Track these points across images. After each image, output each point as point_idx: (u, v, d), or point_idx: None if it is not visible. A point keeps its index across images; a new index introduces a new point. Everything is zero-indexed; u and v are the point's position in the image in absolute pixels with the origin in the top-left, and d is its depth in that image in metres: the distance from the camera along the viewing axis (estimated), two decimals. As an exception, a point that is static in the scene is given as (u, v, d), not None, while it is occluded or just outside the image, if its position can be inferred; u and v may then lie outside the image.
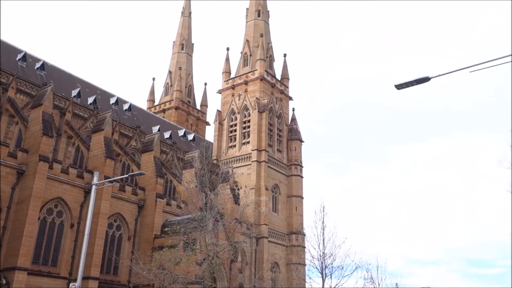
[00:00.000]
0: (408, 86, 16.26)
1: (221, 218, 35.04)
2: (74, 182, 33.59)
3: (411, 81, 16.05)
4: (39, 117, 32.78)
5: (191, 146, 55.89)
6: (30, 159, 31.11)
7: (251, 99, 57.73)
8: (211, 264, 30.44)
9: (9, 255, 28.56)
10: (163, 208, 39.04)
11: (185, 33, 76.62)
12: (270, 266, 49.35)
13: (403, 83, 16.27)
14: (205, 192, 33.68)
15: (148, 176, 38.80)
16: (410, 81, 16.08)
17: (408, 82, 16.11)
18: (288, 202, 56.46)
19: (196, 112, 72.44)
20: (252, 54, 61.22)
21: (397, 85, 16.47)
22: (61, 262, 31.99)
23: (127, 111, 51.80)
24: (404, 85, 16.34)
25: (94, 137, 37.87)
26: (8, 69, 39.02)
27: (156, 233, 37.04)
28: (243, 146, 56.40)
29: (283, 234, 54.36)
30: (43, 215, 31.56)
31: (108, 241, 35.14)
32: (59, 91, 41.93)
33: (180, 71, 71.84)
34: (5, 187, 29.77)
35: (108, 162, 35.80)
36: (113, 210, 35.74)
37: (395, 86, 16.50)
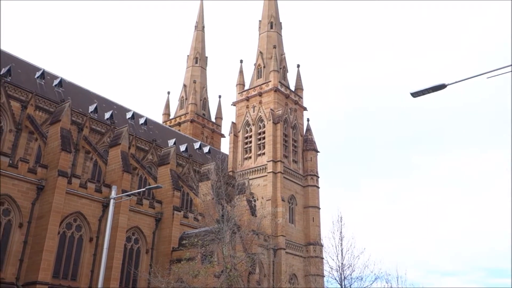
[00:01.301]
0: (424, 94, 16.19)
1: (238, 230, 34.97)
2: (93, 196, 33.98)
3: (427, 88, 15.97)
4: (57, 133, 33.34)
5: (207, 158, 56.19)
6: (49, 174, 31.60)
7: (265, 111, 57.92)
8: (229, 277, 30.35)
9: (30, 270, 28.93)
10: (180, 220, 39.18)
11: (198, 47, 77.42)
12: (288, 277, 49.01)
13: (419, 91, 16.21)
14: (222, 204, 33.72)
15: (165, 189, 39.03)
16: (426, 89, 16.00)
17: (424, 89, 16.03)
18: (305, 213, 56.21)
19: (211, 124, 72.87)
20: (265, 66, 61.54)
21: (413, 93, 16.41)
22: (80, 276, 32.25)
23: (143, 125, 52.37)
24: (420, 93, 16.27)
25: (111, 151, 38.31)
26: (27, 86, 39.86)
27: (173, 246, 37.15)
28: (259, 158, 56.48)
29: (300, 245, 54.04)
30: (63, 230, 31.92)
31: (126, 254, 35.34)
32: (77, 107, 42.63)
33: (194, 85, 72.49)
34: (25, 202, 30.25)
35: (125, 176, 36.17)
36: (131, 224, 35.98)
37: (411, 94, 16.44)
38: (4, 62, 40.20)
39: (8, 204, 29.49)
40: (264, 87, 59.69)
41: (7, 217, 29.40)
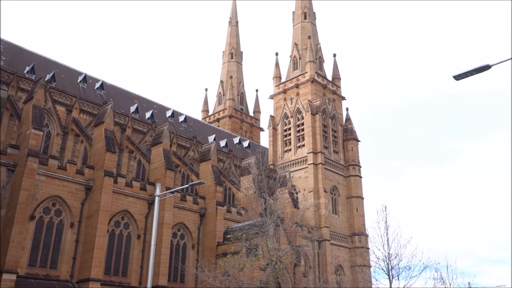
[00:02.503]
0: (467, 76, 15.64)
1: (281, 223, 35.04)
2: (138, 194, 34.85)
3: (471, 70, 15.44)
4: (102, 135, 34.36)
5: (246, 153, 56.46)
6: (96, 175, 32.65)
7: (303, 102, 57.53)
8: (274, 269, 30.50)
9: (83, 267, 30.06)
10: (224, 215, 39.60)
11: (233, 42, 77.72)
12: (334, 269, 48.71)
13: (462, 73, 15.67)
14: (264, 198, 33.85)
15: (207, 185, 39.54)
16: (469, 71, 15.47)
17: (468, 71, 15.50)
18: (348, 203, 55.60)
19: (250, 119, 73.12)
20: (301, 57, 61.05)
21: (456, 76, 15.89)
22: (130, 272, 33.23)
23: (183, 123, 53.16)
24: (463, 75, 15.73)
25: (154, 150, 39.13)
26: (71, 91, 41.25)
27: (218, 241, 37.62)
28: (299, 150, 56.23)
29: (345, 236, 53.54)
30: (111, 228, 32.94)
31: (173, 250, 36.10)
32: (118, 108, 43.75)
33: (231, 80, 72.89)
34: (75, 202, 31.40)
35: (168, 174, 36.86)
36: (176, 220, 36.69)
37: (454, 77, 15.93)
38: (48, 69, 41.74)
39: (59, 205, 30.71)
40: (301, 78, 59.26)
41: (59, 217, 30.62)
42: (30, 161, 28.16)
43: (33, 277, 28.12)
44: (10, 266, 25.67)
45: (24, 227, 27.31)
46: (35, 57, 42.79)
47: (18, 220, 26.77)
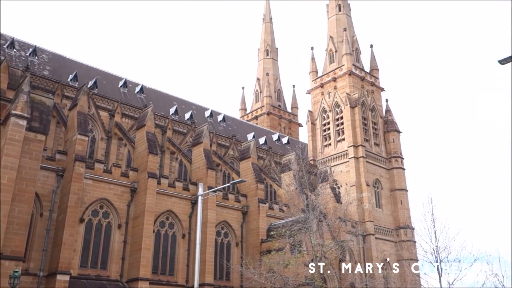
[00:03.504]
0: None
1: (324, 218, 34.75)
2: (181, 194, 35.45)
3: (518, 53, 14.75)
4: (143, 137, 35.15)
5: (286, 149, 56.35)
6: (140, 176, 33.44)
7: (341, 95, 56.78)
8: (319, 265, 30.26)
9: (132, 267, 30.90)
10: (266, 212, 39.68)
11: (268, 39, 77.66)
12: (380, 263, 47.86)
13: (508, 57, 15.03)
14: (306, 194, 33.66)
15: (248, 183, 39.73)
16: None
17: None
18: (392, 196, 54.50)
19: (288, 115, 72.91)
20: (337, 50, 60.25)
21: (500, 60, 15.27)
22: (177, 271, 33.87)
23: (221, 122, 53.64)
24: (508, 59, 15.09)
25: (194, 150, 39.68)
26: (112, 96, 42.46)
27: (262, 238, 37.74)
28: (339, 144, 55.58)
29: (390, 230, 52.54)
30: (157, 228, 33.66)
31: (217, 248, 36.51)
32: (158, 110, 44.63)
33: (267, 77, 72.88)
34: (121, 204, 32.30)
35: (210, 173, 37.29)
36: (219, 218, 37.07)
37: (499, 62, 15.32)
38: (90, 75, 43.11)
39: (106, 207, 31.68)
40: (338, 71, 58.50)
41: (107, 219, 31.58)
42: (77, 166, 29.17)
43: (85, 277, 29.16)
44: (64, 268, 26.69)
45: (74, 229, 28.32)
46: (77, 65, 44.25)
47: (69, 223, 27.79)
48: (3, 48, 39.22)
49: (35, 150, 24.42)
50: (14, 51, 39.76)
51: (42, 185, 28.24)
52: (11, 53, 39.13)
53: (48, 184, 28.88)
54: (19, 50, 40.48)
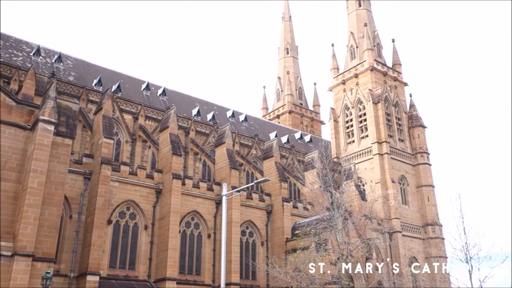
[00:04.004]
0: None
1: (349, 216, 34.44)
2: (206, 195, 35.70)
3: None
4: (167, 139, 35.52)
5: (309, 147, 56.12)
6: (165, 178, 33.81)
7: (363, 92, 56.25)
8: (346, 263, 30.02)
9: (159, 267, 31.28)
10: (291, 211, 39.61)
11: (288, 37, 77.46)
12: (408, 261, 47.21)
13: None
14: (330, 192, 33.44)
15: (272, 182, 39.72)
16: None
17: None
18: (419, 193, 53.73)
19: (310, 113, 72.61)
20: (358, 46, 59.70)
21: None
22: (203, 271, 34.14)
23: (243, 122, 53.78)
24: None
25: (217, 150, 39.89)
26: (135, 99, 43.09)
27: (287, 237, 37.69)
28: (362, 141, 55.07)
29: (417, 227, 51.79)
30: (183, 228, 33.98)
31: (243, 247, 36.62)
32: (181, 112, 45.06)
33: (288, 75, 72.71)
34: (147, 206, 32.72)
35: (233, 173, 37.43)
36: (244, 218, 37.18)
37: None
38: (113, 80, 43.84)
39: (133, 209, 32.15)
40: (359, 67, 57.96)
41: (134, 221, 32.05)
42: (104, 169, 29.69)
43: (114, 278, 29.67)
44: (93, 268, 27.22)
45: (103, 231, 28.84)
46: (101, 70, 45.03)
47: (97, 225, 28.32)
48: (30, 55, 40.20)
49: (63, 154, 24.88)
50: (40, 58, 40.71)
51: (70, 188, 28.85)
52: (38, 60, 40.08)
53: (76, 187, 29.50)
54: (45, 57, 41.43)
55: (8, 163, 23.27)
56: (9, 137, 23.64)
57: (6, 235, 22.11)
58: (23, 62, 38.53)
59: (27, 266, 21.49)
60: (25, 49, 40.95)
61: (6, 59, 37.43)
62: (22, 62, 38.37)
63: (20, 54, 39.69)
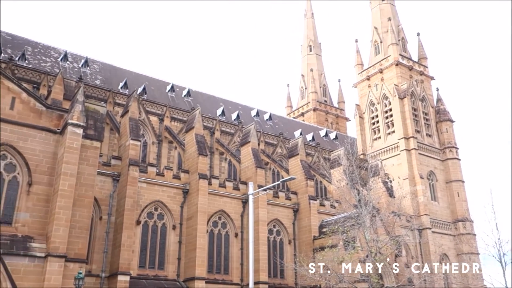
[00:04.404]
0: None
1: (377, 213, 34.03)
2: (232, 194, 35.84)
3: None
4: (193, 139, 35.81)
5: (334, 144, 55.70)
6: (191, 178, 34.09)
7: (389, 87, 55.50)
8: (375, 261, 29.68)
9: (188, 267, 31.58)
10: (317, 209, 39.39)
11: (311, 34, 77.03)
12: (439, 258, 46.35)
13: None
14: (357, 189, 33.10)
15: (298, 180, 39.55)
16: None
17: None
18: (448, 188, 52.70)
19: (335, 110, 72.06)
20: (382, 41, 58.90)
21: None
22: (231, 270, 34.29)
23: (268, 121, 53.76)
24: None
25: (243, 150, 39.99)
26: (161, 101, 43.60)
27: (314, 235, 37.51)
28: (389, 137, 54.34)
29: (447, 223, 50.80)
30: (210, 228, 34.20)
31: (270, 246, 36.62)
32: (206, 112, 45.37)
33: (312, 73, 72.30)
34: (175, 206, 33.06)
35: (259, 172, 37.46)
36: (271, 217, 37.17)
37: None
38: (139, 82, 44.45)
39: (161, 209, 32.54)
40: (384, 62, 57.20)
41: (162, 221, 32.44)
42: (131, 170, 30.14)
43: (144, 277, 30.09)
44: (124, 268, 27.66)
45: (132, 231, 29.29)
46: (126, 73, 45.72)
47: (126, 226, 28.77)
48: (58, 61, 41.14)
49: (92, 157, 25.39)
50: (67, 63, 41.62)
51: (99, 190, 29.39)
52: (65, 65, 40.98)
53: (105, 189, 30.04)
54: (72, 62, 42.32)
55: (39, 166, 23.91)
56: (40, 141, 24.27)
57: (39, 237, 22.73)
58: (51, 67, 39.46)
59: (60, 266, 22.03)
60: (53, 54, 41.92)
61: (35, 65, 38.41)
62: (51, 68, 39.29)
63: (48, 60, 40.66)
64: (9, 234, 22.14)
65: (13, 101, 24.13)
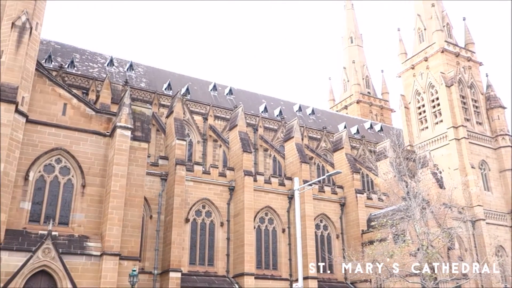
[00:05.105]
0: None
1: (427, 205, 33.16)
2: (278, 190, 35.96)
3: None
4: (236, 137, 36.18)
5: (380, 136, 54.70)
6: (237, 175, 34.48)
7: (435, 75, 53.84)
8: (426, 254, 28.95)
9: (236, 263, 32.01)
10: (365, 202, 38.85)
11: (351, 26, 75.83)
12: (494, 250, 44.64)
13: None
14: (405, 181, 32.36)
15: (343, 174, 39.16)
16: None
17: None
18: (502, 178, 50.63)
19: (379, 101, 70.69)
20: (426, 28, 57.18)
21: None
22: (280, 265, 34.43)
23: (311, 115, 53.45)
24: None
25: (287, 145, 39.99)
26: (204, 100, 44.29)
27: (363, 229, 37.05)
28: (437, 126, 52.77)
29: (503, 214, 48.83)
30: (257, 224, 34.47)
31: (318, 241, 36.50)
32: (248, 110, 45.66)
33: (354, 65, 71.22)
34: (221, 203, 33.58)
35: (303, 167, 37.36)
36: (317, 211, 37.02)
37: None
38: (182, 83, 45.33)
39: (208, 207, 33.13)
40: (429, 50, 55.52)
41: (210, 218, 33.02)
42: (178, 169, 30.84)
43: (194, 274, 30.75)
44: (175, 265, 28.38)
45: (181, 229, 29.98)
46: (169, 74, 46.71)
47: (176, 224, 29.49)
48: (104, 66, 42.60)
49: (140, 158, 26.21)
50: (113, 68, 43.01)
51: (149, 190, 30.27)
52: (111, 70, 42.37)
53: (154, 188, 30.91)
54: (117, 66, 43.70)
55: (91, 168, 24.93)
56: (91, 144, 25.30)
57: (94, 236, 23.71)
58: (98, 73, 40.91)
59: (115, 264, 22.90)
60: (100, 60, 43.43)
61: (84, 72, 39.94)
62: (98, 73, 40.74)
63: (95, 66, 42.17)
64: (66, 234, 23.24)
65: (65, 107, 25.26)
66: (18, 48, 23.35)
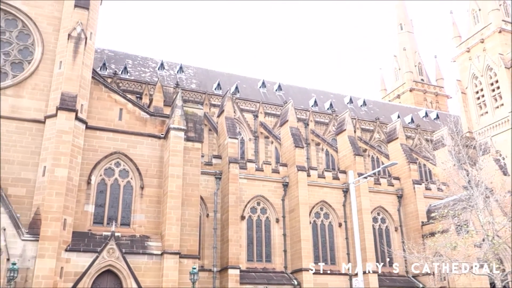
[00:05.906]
0: None
1: (491, 194, 31.60)
2: (332, 184, 35.57)
3: None
4: (288, 133, 36.10)
5: (436, 124, 52.83)
6: (290, 171, 34.42)
7: (493, 57, 51.21)
8: (492, 245, 27.63)
9: (294, 258, 31.99)
10: (423, 193, 37.71)
11: (400, 12, 73.59)
12: None
13: None
14: (466, 169, 31.03)
15: (399, 165, 38.14)
16: None
17: None
18: None
19: (433, 88, 68.17)
20: (481, 8, 54.47)
21: None
22: (338, 260, 34.07)
23: (362, 107, 52.40)
24: None
25: (339, 138, 39.45)
26: (253, 98, 44.49)
27: (422, 220, 35.96)
28: (497, 110, 50.23)
29: None
30: (313, 219, 34.26)
31: (376, 234, 35.80)
32: (298, 104, 45.40)
33: (405, 52, 69.09)
34: (276, 199, 33.66)
35: (357, 160, 36.73)
36: (374, 204, 36.30)
37: None
38: (231, 82, 45.80)
39: (263, 203, 33.31)
40: (485, 31, 52.87)
41: (265, 215, 33.19)
42: (232, 168, 31.22)
43: (252, 270, 31.03)
44: (233, 262, 28.79)
45: (238, 227, 30.35)
46: (218, 74, 47.30)
47: (232, 221, 29.88)
48: (155, 70, 43.78)
49: (195, 158, 26.75)
50: (164, 71, 44.11)
51: (204, 189, 30.85)
52: (162, 74, 43.48)
53: (209, 187, 31.47)
54: (168, 69, 44.78)
55: (149, 170, 25.72)
56: (147, 147, 26.10)
57: (154, 236, 24.46)
58: (150, 77, 42.09)
59: (175, 263, 23.52)
60: (151, 65, 44.66)
61: (136, 77, 41.23)
62: (150, 77, 41.92)
63: (147, 70, 43.41)
64: (128, 235, 24.12)
65: (121, 112, 26.20)
66: (75, 58, 24.44)
